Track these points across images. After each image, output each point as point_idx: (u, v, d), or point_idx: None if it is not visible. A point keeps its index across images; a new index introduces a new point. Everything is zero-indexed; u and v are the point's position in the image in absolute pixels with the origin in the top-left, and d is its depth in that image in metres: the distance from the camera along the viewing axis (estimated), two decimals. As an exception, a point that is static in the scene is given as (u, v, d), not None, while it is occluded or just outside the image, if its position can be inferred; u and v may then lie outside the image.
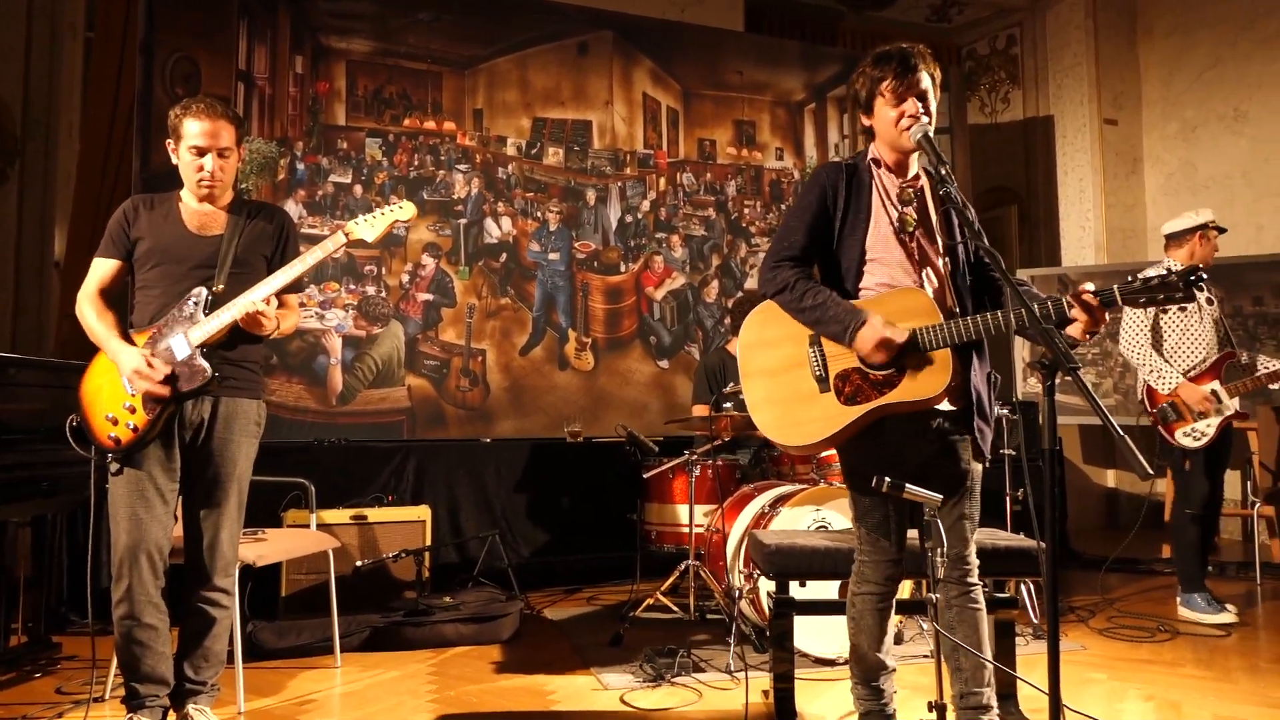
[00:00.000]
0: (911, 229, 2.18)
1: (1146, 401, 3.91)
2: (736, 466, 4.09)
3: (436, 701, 2.84)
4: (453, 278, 5.33)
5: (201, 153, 2.44)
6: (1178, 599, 3.93)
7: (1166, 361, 3.86)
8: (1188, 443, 3.82)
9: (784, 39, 6.59)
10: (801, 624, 2.82)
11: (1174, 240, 4.01)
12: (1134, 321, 3.92)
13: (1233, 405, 3.80)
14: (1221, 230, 4.00)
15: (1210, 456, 3.83)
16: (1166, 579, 4.68)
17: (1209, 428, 3.79)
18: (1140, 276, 1.96)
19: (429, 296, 5.27)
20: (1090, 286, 1.96)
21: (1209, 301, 3.97)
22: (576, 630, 3.75)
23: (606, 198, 5.75)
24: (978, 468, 2.19)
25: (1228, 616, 3.75)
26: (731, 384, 3.99)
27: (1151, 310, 3.85)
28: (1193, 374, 3.86)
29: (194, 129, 2.42)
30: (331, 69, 5.20)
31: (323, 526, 3.68)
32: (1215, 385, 3.82)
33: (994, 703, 2.17)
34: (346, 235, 2.53)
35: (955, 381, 2.08)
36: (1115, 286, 1.94)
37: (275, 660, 3.28)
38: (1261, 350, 4.09)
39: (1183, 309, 3.88)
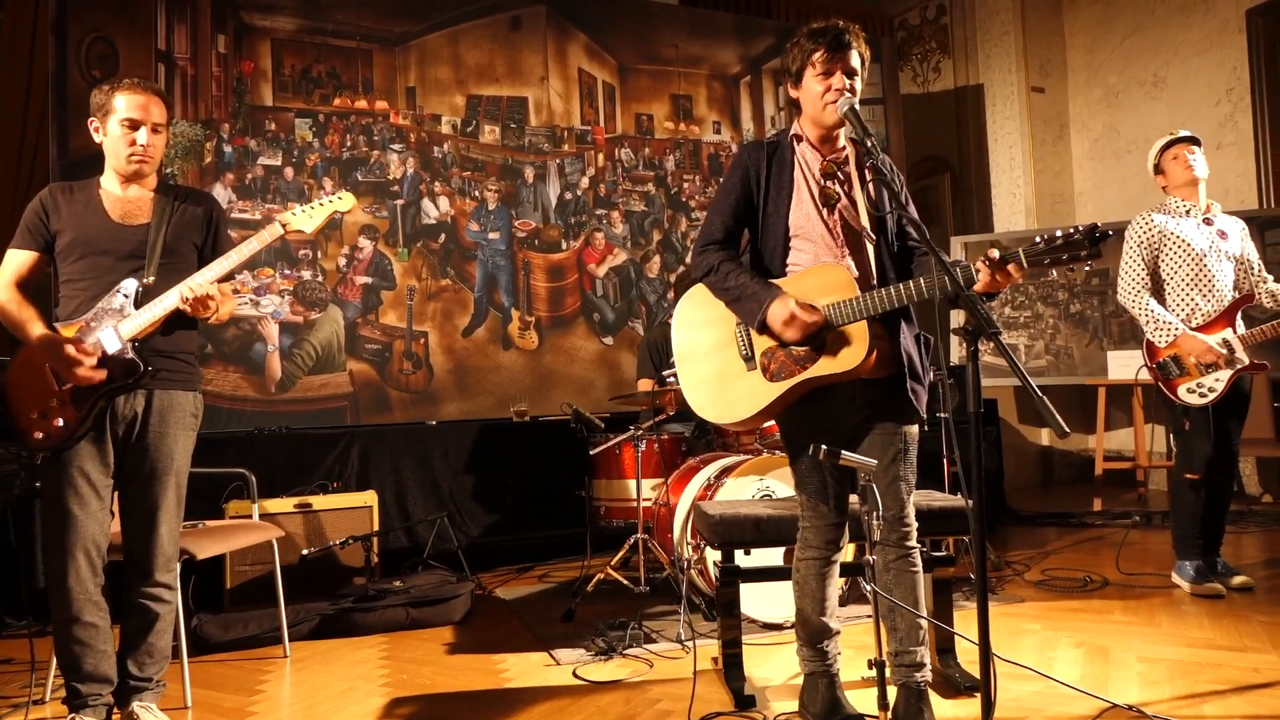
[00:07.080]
0: (834, 203, 2.22)
1: (1146, 356, 3.51)
2: (682, 440, 4.13)
3: (389, 685, 2.84)
4: (391, 260, 5.26)
5: (135, 125, 2.39)
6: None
7: (1167, 310, 3.46)
8: (1193, 400, 3.39)
9: (718, 11, 6.59)
10: (748, 590, 2.88)
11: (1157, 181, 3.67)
12: (1128, 269, 3.53)
13: (1245, 356, 3.36)
14: (1192, 141, 3.55)
15: (1217, 414, 3.40)
16: (1097, 530, 4.87)
17: (1217, 382, 3.36)
18: (1045, 237, 1.95)
19: (367, 279, 5.19)
20: (995, 253, 1.98)
21: (1221, 235, 3.48)
22: (528, 608, 3.77)
23: (545, 175, 5.72)
24: (913, 430, 2.25)
25: (1215, 588, 3.44)
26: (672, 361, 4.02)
27: (1146, 254, 3.51)
28: (1200, 321, 3.43)
29: (127, 102, 2.39)
30: (256, 48, 5.06)
31: (266, 516, 3.64)
32: (1228, 333, 3.38)
33: (927, 660, 2.26)
34: (284, 226, 2.48)
35: (881, 349, 2.14)
36: (1020, 249, 1.97)
37: (222, 653, 3.24)
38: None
39: (1188, 249, 3.44)
